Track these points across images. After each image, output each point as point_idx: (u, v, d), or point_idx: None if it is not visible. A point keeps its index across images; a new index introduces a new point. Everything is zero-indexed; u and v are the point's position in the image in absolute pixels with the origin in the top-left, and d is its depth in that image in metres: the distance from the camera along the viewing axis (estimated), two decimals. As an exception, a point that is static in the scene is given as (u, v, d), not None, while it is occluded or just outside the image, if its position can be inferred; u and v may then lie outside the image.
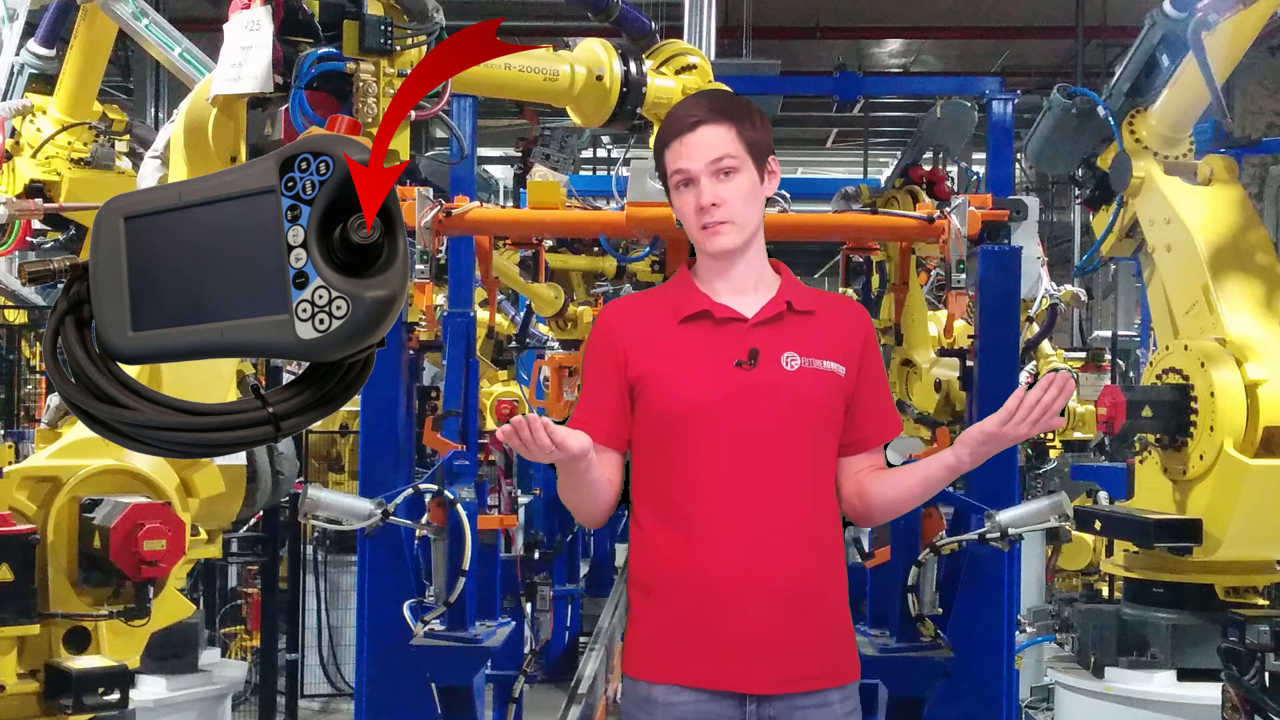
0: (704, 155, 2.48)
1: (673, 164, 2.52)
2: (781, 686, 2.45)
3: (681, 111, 2.57)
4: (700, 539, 2.46)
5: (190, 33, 4.48)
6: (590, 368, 2.60)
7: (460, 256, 4.85)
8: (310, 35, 2.62)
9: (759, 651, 2.44)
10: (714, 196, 2.47)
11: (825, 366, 2.52)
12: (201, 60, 4.25)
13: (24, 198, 4.61)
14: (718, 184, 2.48)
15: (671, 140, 2.53)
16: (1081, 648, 4.78)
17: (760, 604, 2.43)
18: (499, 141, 15.94)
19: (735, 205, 2.48)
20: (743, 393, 2.45)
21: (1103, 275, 16.96)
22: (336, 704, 8.51)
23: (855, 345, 2.58)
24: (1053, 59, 15.62)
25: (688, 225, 2.55)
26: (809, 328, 2.53)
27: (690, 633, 2.46)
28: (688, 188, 2.51)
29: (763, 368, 2.47)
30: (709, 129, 2.50)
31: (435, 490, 3.86)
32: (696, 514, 2.46)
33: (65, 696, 2.58)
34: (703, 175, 2.48)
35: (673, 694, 2.46)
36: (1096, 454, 7.66)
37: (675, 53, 4.09)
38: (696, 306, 2.52)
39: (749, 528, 2.44)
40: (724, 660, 2.44)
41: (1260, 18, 3.98)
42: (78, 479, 2.68)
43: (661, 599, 2.50)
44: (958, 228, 3.85)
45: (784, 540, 2.45)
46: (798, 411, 2.48)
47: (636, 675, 2.52)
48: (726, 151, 2.48)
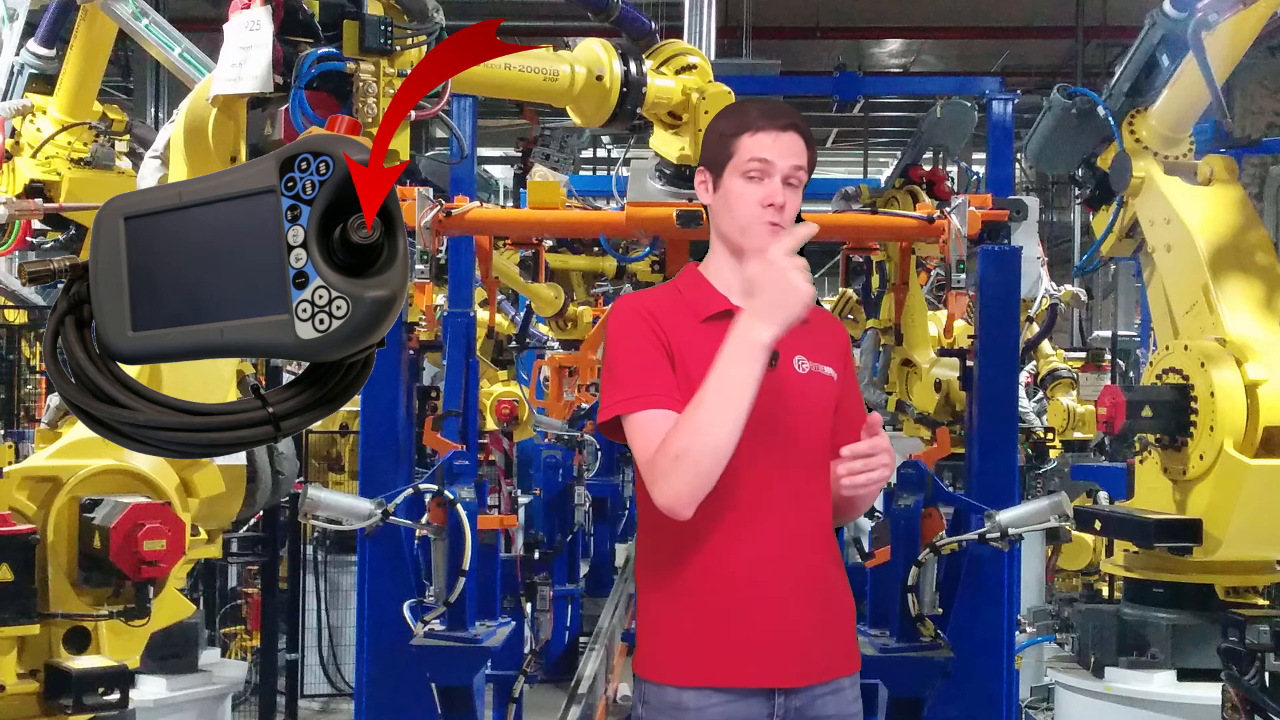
0: (789, 158, 2.50)
1: (755, 151, 2.50)
2: (805, 679, 2.48)
3: (771, 109, 2.56)
4: (725, 538, 2.46)
5: (190, 33, 4.48)
6: (634, 346, 2.48)
7: (460, 256, 4.85)
8: (310, 35, 2.62)
9: (785, 646, 2.47)
10: (784, 198, 2.49)
11: (824, 371, 2.58)
12: (201, 60, 4.25)
13: (24, 198, 4.61)
14: (786, 190, 2.50)
15: (758, 131, 2.51)
16: (1081, 648, 4.78)
17: (784, 600, 2.46)
18: (499, 141, 15.95)
19: (790, 216, 2.52)
20: (765, 393, 2.42)
21: (1103, 275, 16.98)
22: (336, 704, 8.51)
23: (841, 352, 2.66)
24: (1053, 59, 15.63)
25: (744, 214, 2.49)
26: (809, 333, 2.54)
27: (717, 632, 2.45)
28: (759, 181, 2.50)
29: (780, 369, 2.49)
30: (797, 138, 2.52)
31: (435, 490, 3.86)
32: (722, 513, 2.44)
33: (65, 696, 2.58)
34: (779, 175, 2.49)
35: (704, 697, 2.44)
36: (1096, 454, 7.66)
37: (675, 53, 4.09)
38: (719, 306, 2.53)
39: (772, 525, 2.47)
40: (754, 658, 2.45)
41: (1260, 18, 3.97)
42: (78, 479, 2.68)
43: (685, 600, 2.48)
44: (958, 228, 3.85)
45: (804, 536, 2.51)
46: (810, 412, 2.54)
47: (663, 680, 2.47)
48: (803, 164, 2.52)
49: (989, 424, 3.94)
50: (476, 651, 4.01)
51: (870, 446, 2.40)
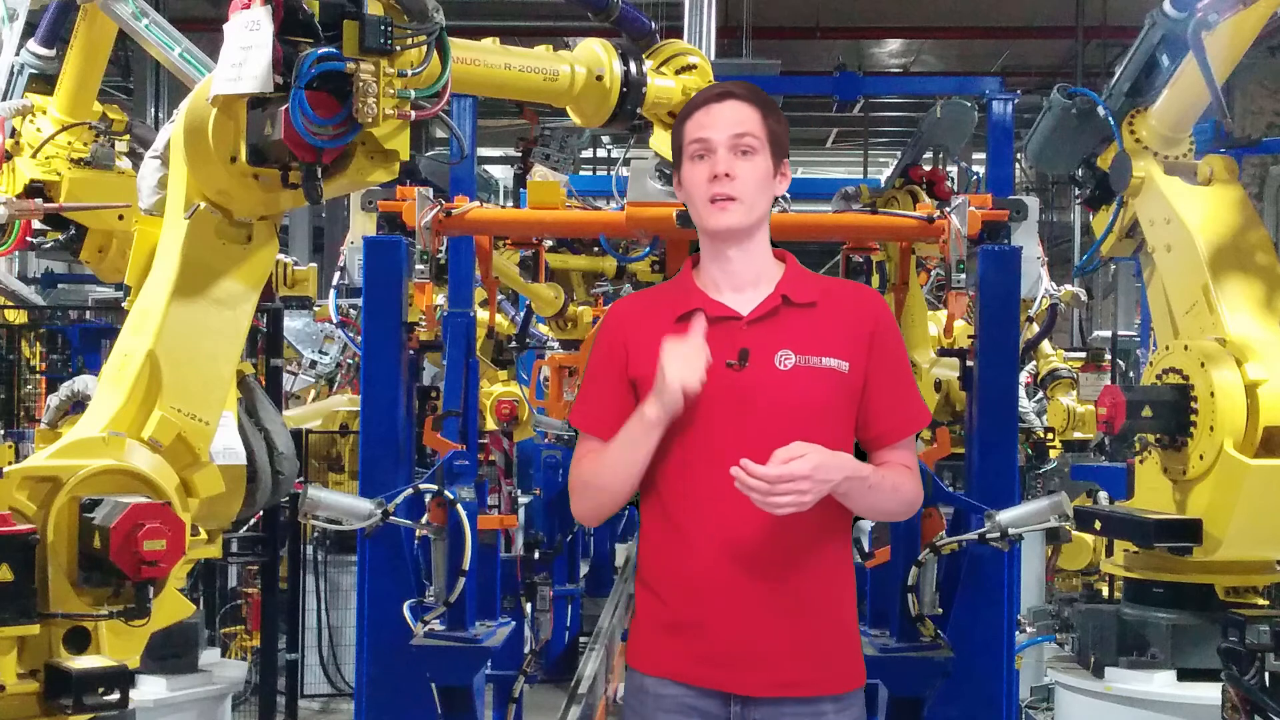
0: (727, 128, 2.44)
1: (693, 134, 2.47)
2: (769, 690, 2.44)
3: (712, 88, 2.54)
4: (689, 541, 2.46)
5: (190, 33, 4.48)
6: (595, 365, 2.59)
7: (460, 256, 4.86)
8: (310, 35, 2.62)
9: (745, 654, 2.43)
10: (729, 167, 2.43)
11: (824, 364, 2.45)
12: (201, 60, 4.25)
13: (24, 198, 4.61)
14: (735, 159, 2.44)
15: (695, 110, 2.48)
16: (1081, 648, 4.78)
17: (748, 607, 2.42)
18: (499, 141, 15.96)
19: (748, 184, 2.44)
20: (733, 394, 2.41)
21: (1103, 275, 17.00)
22: (336, 704, 8.51)
23: (862, 336, 2.49)
24: (1053, 59, 15.65)
25: (695, 199, 2.48)
26: (809, 322, 2.47)
27: (680, 630, 2.47)
28: (703, 159, 2.46)
29: (755, 368, 2.43)
30: (737, 105, 2.47)
31: (435, 490, 3.86)
32: (687, 516, 2.46)
33: (65, 696, 2.57)
34: (721, 147, 2.44)
35: (662, 686, 2.50)
36: (1096, 454, 7.67)
37: (675, 53, 4.09)
38: (691, 304, 2.48)
39: (737, 531, 2.41)
40: (709, 660, 2.45)
41: (1260, 18, 3.97)
42: (78, 479, 2.68)
43: (658, 595, 2.52)
44: (958, 228, 3.84)
45: (775, 544, 2.41)
46: (788, 411, 2.42)
47: (633, 665, 2.57)
48: (749, 130, 2.45)
49: (989, 424, 3.93)
50: (476, 651, 4.01)
51: (779, 474, 2.26)
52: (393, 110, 2.64)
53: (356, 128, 2.63)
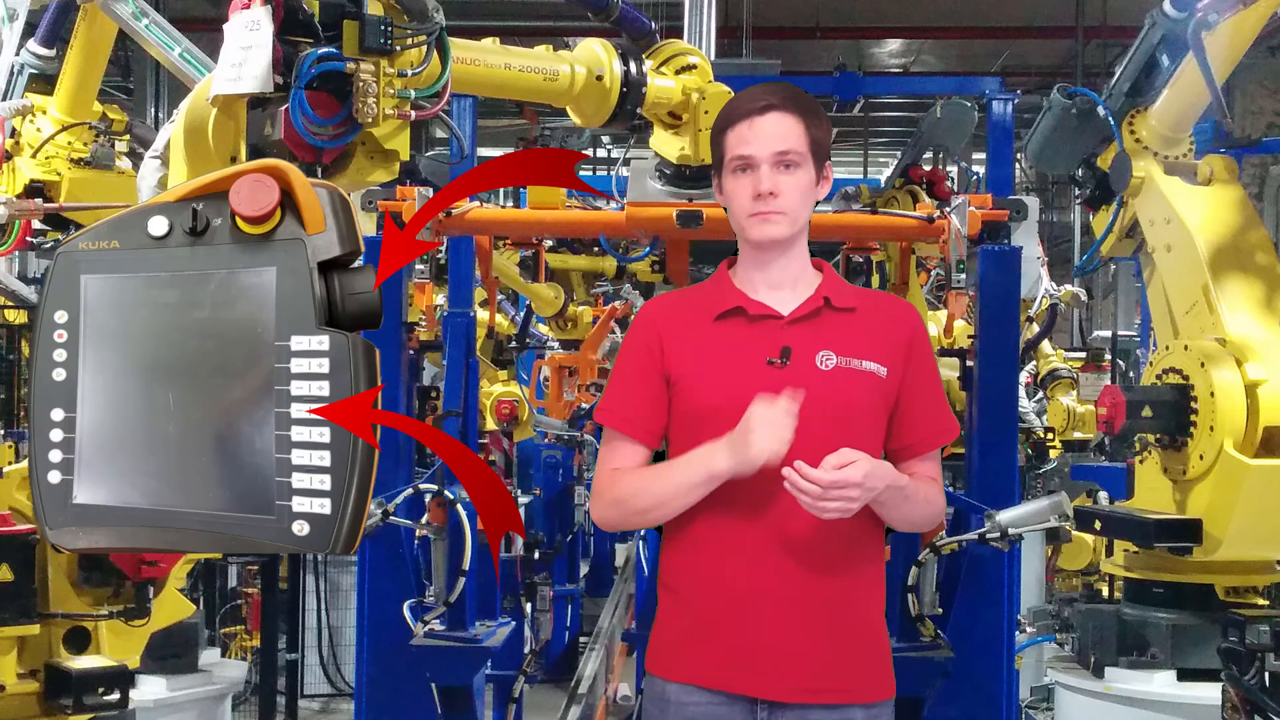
0: (770, 145, 2.41)
1: (734, 148, 2.44)
2: (797, 696, 2.41)
3: (751, 95, 2.47)
4: (722, 542, 2.42)
5: (190, 33, 4.47)
6: (626, 362, 2.54)
7: (460, 256, 4.85)
8: (310, 35, 2.62)
9: (774, 659, 2.40)
10: (773, 185, 2.40)
11: (864, 366, 2.44)
12: (201, 60, 4.25)
13: (24, 198, 4.61)
14: (778, 174, 2.41)
15: (737, 122, 2.44)
16: (1081, 648, 4.78)
17: (779, 611, 2.40)
18: (499, 141, 15.94)
19: (792, 198, 2.42)
20: (773, 392, 2.36)
21: (1103, 275, 16.98)
22: (336, 704, 8.51)
23: (899, 344, 2.49)
24: (1053, 59, 15.63)
25: (737, 210, 2.47)
26: (849, 325, 2.46)
27: (707, 635, 2.44)
28: (745, 173, 2.43)
29: (796, 366, 2.40)
30: (779, 117, 2.42)
31: (435, 490, 3.86)
32: (720, 517, 2.42)
33: (65, 696, 2.57)
34: (765, 164, 2.41)
35: (686, 693, 2.45)
36: (1096, 454, 7.67)
37: (675, 53, 4.09)
38: (731, 303, 2.47)
39: (772, 533, 2.40)
40: (737, 664, 2.42)
41: (1260, 18, 3.97)
42: (78, 479, 2.68)
43: (684, 599, 2.48)
44: (958, 228, 3.84)
45: (810, 548, 2.40)
46: (830, 413, 2.39)
47: (655, 672, 2.51)
48: (792, 146, 2.42)
49: (989, 424, 3.93)
50: (476, 651, 4.01)
51: (832, 479, 2.26)
52: (393, 110, 2.64)
53: (356, 128, 2.63)
